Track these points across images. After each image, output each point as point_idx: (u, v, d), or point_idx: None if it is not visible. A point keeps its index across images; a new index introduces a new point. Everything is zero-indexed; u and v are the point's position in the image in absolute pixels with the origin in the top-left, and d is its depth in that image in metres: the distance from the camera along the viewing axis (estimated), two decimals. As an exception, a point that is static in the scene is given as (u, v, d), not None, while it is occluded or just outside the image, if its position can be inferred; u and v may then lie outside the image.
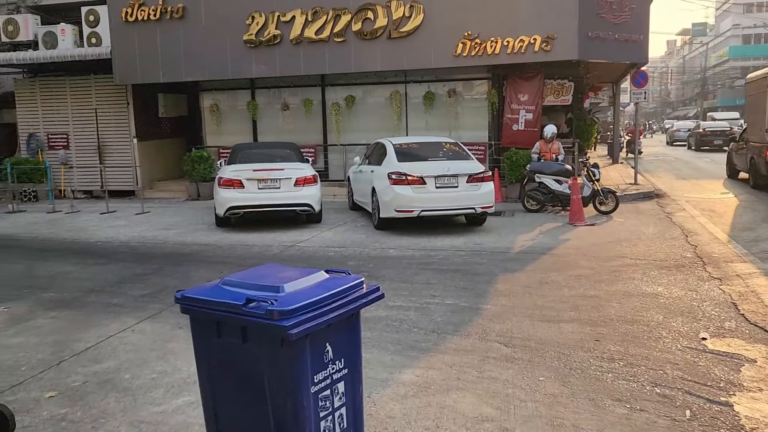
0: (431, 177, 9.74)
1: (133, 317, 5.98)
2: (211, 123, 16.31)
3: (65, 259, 8.71)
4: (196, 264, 8.26)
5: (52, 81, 16.49)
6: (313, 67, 14.14)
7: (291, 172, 10.61)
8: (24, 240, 10.35)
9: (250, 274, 2.87)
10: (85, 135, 16.34)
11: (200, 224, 11.53)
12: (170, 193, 16.13)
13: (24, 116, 16.70)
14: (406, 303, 6.21)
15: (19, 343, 5.33)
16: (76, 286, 7.23)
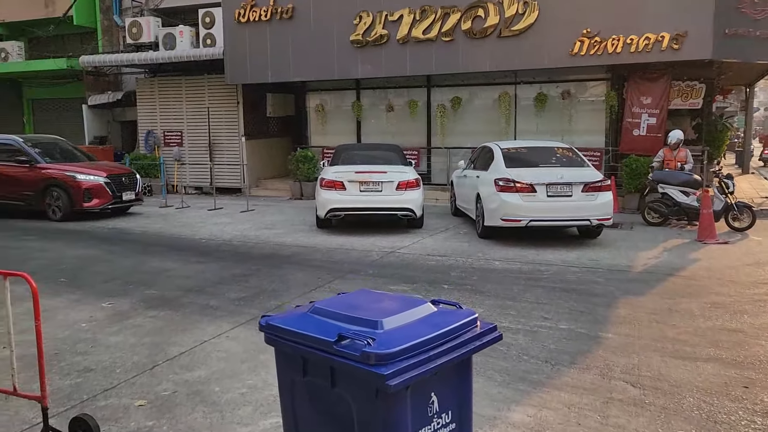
0: (542, 184, 9.06)
1: (228, 322, 5.82)
2: (317, 123, 16.35)
3: (169, 256, 8.84)
4: (294, 267, 8.09)
5: (169, 80, 17.19)
6: (420, 68, 13.76)
7: (393, 175, 10.27)
8: (136, 234, 10.68)
9: (343, 301, 2.47)
10: (198, 133, 16.90)
11: (301, 225, 11.46)
12: (275, 191, 16.33)
13: (143, 114, 17.53)
14: (514, 325, 5.64)
15: (118, 343, 5.29)
16: (177, 284, 7.24)
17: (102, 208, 12.10)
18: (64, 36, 20.72)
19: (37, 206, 12.16)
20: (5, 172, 12.35)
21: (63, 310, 6.27)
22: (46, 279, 7.54)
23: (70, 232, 10.86)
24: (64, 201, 11.89)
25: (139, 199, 13.04)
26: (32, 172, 12.14)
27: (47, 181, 12.02)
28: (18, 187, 12.24)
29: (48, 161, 12.41)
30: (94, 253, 9.03)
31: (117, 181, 12.37)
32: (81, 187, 11.86)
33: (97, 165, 12.96)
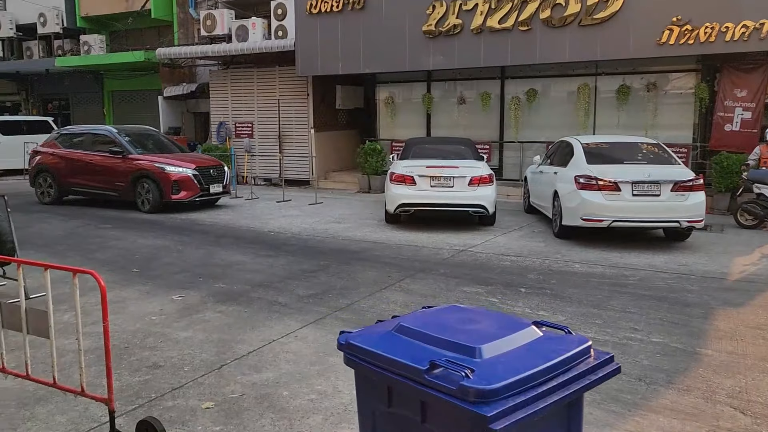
0: (627, 183, 8.47)
1: (296, 320, 5.65)
2: (386, 115, 16.11)
3: (239, 248, 8.79)
4: (363, 263, 7.87)
5: (241, 72, 17.34)
6: (494, 59, 13.26)
7: (466, 170, 9.89)
8: (206, 225, 10.74)
9: (432, 319, 2.17)
10: (268, 124, 16.98)
11: (369, 219, 11.25)
12: (342, 184, 16.22)
13: (216, 105, 17.77)
14: (601, 336, 5.20)
15: (186, 339, 5.20)
16: (245, 278, 7.15)
17: (190, 200, 11.96)
18: (142, 29, 21.30)
19: (129, 197, 12.19)
20: (100, 163, 12.44)
21: (134, 301, 6.27)
22: (121, 269, 7.62)
23: (145, 222, 11.04)
24: (153, 193, 11.82)
25: (227, 191, 12.83)
26: (124, 162, 12.14)
27: (138, 172, 11.98)
28: (111, 177, 12.28)
29: (140, 152, 12.34)
30: (166, 244, 9.11)
31: (205, 173, 12.20)
32: (170, 179, 11.77)
33: (186, 157, 12.83)
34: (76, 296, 3.42)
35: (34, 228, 10.36)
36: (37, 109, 24.28)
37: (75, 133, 13.45)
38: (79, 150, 12.89)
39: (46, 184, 13.24)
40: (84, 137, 13.10)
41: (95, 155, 12.58)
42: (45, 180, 13.25)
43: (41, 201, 13.27)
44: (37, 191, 13.42)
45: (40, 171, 13.33)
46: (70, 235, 9.83)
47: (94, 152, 12.65)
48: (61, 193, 13.18)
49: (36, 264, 3.73)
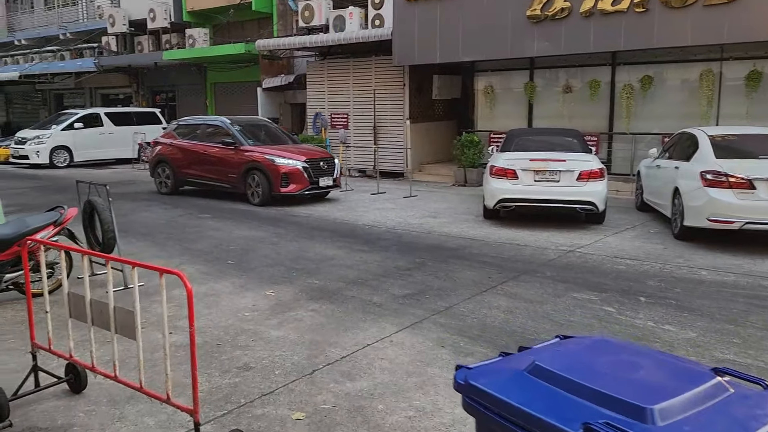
0: (763, 180, 7.49)
1: (392, 323, 5.29)
2: (484, 106, 15.47)
3: (333, 242, 8.57)
4: (461, 262, 7.40)
5: (338, 63, 17.24)
6: (605, 44, 12.32)
7: (574, 164, 9.18)
8: (301, 217, 10.64)
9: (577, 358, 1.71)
10: (363, 115, 16.79)
11: (466, 214, 10.75)
12: (437, 177, 15.78)
13: (312, 96, 17.80)
14: (742, 358, 4.49)
15: (279, 338, 4.97)
16: (339, 275, 6.88)
17: (299, 193, 11.60)
18: (243, 22, 21.73)
19: (240, 189, 11.99)
20: (213, 154, 12.35)
21: (228, 295, 6.15)
22: (216, 260, 7.58)
23: (242, 213, 11.10)
24: (263, 185, 11.55)
25: (337, 185, 12.37)
26: (236, 154, 11.94)
27: (249, 164, 11.74)
28: (224, 169, 12.13)
29: (252, 143, 12.11)
30: (261, 235, 9.04)
31: (315, 165, 11.76)
32: (279, 172, 11.42)
33: (297, 148, 12.40)
34: (163, 299, 3.20)
35: (138, 216, 10.65)
36: (146, 101, 25.45)
37: (191, 124, 13.44)
38: (194, 141, 12.89)
39: (164, 174, 13.35)
40: (199, 128, 13.08)
41: (209, 146, 12.51)
42: (163, 171, 13.36)
43: (159, 191, 13.43)
44: (155, 181, 13.61)
45: (159, 162, 13.46)
46: (170, 223, 10.01)
47: (207, 143, 12.59)
48: (178, 184, 13.25)
49: (124, 261, 3.56)
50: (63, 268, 3.78)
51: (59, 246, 3.84)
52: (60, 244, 4.06)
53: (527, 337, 4.97)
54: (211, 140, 12.60)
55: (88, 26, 25.79)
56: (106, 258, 3.55)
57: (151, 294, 6.17)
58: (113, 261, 3.62)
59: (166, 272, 3.10)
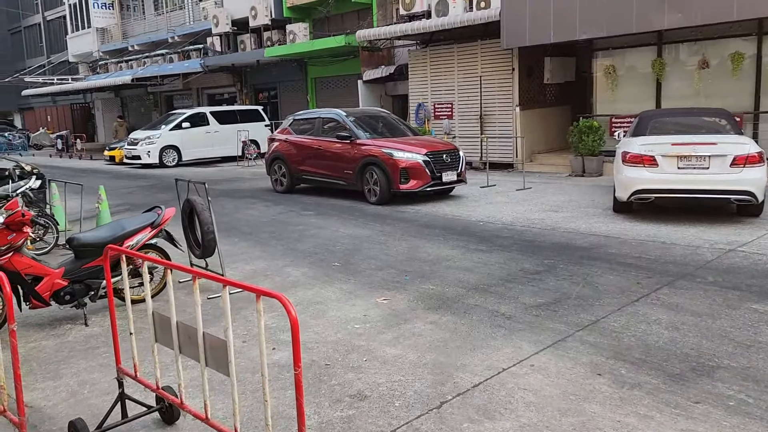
0: None
1: (528, 341, 4.42)
2: (604, 88, 14.06)
3: (446, 241, 7.77)
4: (598, 263, 6.38)
5: (440, 50, 16.39)
6: (752, 9, 10.66)
7: (727, 147, 7.84)
8: (408, 214, 9.93)
9: None
10: (468, 104, 15.85)
11: (591, 207, 9.61)
12: (550, 167, 14.57)
13: (414, 86, 17.07)
14: None
15: (395, 358, 4.24)
16: (457, 278, 6.08)
17: (420, 189, 10.43)
18: (342, 14, 21.36)
19: (356, 186, 11.07)
20: (328, 149, 11.55)
21: (335, 303, 5.51)
22: (321, 262, 6.99)
23: (345, 209, 10.54)
24: (381, 181, 10.52)
25: (462, 179, 11.08)
26: (352, 148, 11.05)
27: (365, 158, 10.76)
28: (339, 164, 11.30)
29: (368, 137, 11.15)
30: (367, 234, 8.39)
31: (437, 159, 10.59)
32: (398, 166, 10.35)
33: (418, 141, 11.28)
34: (260, 326, 2.52)
35: (241, 214, 10.35)
36: (250, 99, 25.76)
37: (306, 118, 12.66)
38: (309, 136, 12.14)
39: (279, 172, 12.74)
40: (314, 122, 12.31)
41: (323, 141, 11.71)
42: (279, 168, 12.74)
43: (275, 189, 12.87)
44: (271, 179, 13.05)
45: (275, 159, 12.84)
46: (273, 221, 9.60)
47: (322, 138, 11.80)
48: (294, 182, 12.57)
49: (215, 279, 2.92)
50: (146, 282, 3.21)
51: (140, 256, 3.28)
52: (139, 254, 3.51)
53: (705, 362, 3.94)
54: (326, 134, 11.81)
55: (194, 28, 26.47)
56: (193, 274, 2.92)
57: (254, 301, 5.64)
58: (201, 277, 2.98)
59: (264, 294, 2.41)
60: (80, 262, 5.18)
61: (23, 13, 43.82)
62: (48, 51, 40.79)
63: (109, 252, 3.46)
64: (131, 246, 5.36)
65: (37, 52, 42.73)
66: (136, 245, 5.39)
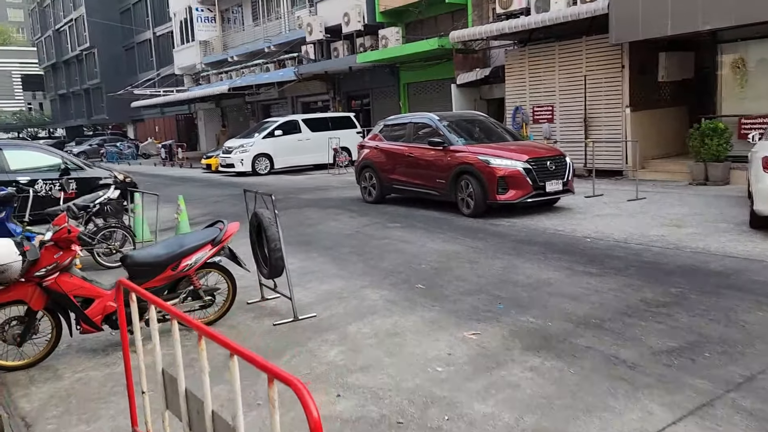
0: None
1: (661, 403, 3.41)
2: (732, 85, 12.41)
3: (547, 260, 6.76)
4: (741, 295, 5.18)
5: (540, 49, 15.23)
6: None
7: None
8: (503, 227, 8.96)
9: None
10: (571, 106, 14.59)
11: (721, 221, 8.24)
12: (666, 174, 13.04)
13: (511, 89, 16.00)
14: None
15: (486, 418, 3.37)
16: (561, 309, 5.10)
17: (520, 201, 9.42)
18: (436, 17, 20.62)
19: (450, 197, 10.16)
20: (419, 156, 10.73)
21: (415, 336, 4.69)
22: (404, 283, 6.21)
23: (432, 219, 9.73)
24: (475, 191, 9.56)
25: (569, 189, 9.98)
26: (445, 155, 10.16)
27: (459, 166, 9.84)
28: (432, 172, 10.43)
29: (463, 142, 10.23)
30: (456, 249, 7.52)
31: (540, 166, 9.54)
32: (495, 175, 9.35)
33: (518, 146, 10.21)
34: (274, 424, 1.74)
35: (324, 226, 9.77)
36: (343, 106, 25.54)
37: (397, 124, 11.89)
38: (400, 142, 11.37)
39: (369, 181, 12.02)
40: (405, 127, 11.50)
41: (414, 147, 10.89)
42: (369, 177, 12.02)
43: (364, 199, 12.18)
44: (360, 188, 12.39)
45: (364, 167, 12.15)
46: (356, 234, 8.93)
47: (413, 144, 10.98)
48: (384, 192, 11.79)
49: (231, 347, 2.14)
50: (155, 335, 2.55)
51: (149, 298, 2.62)
52: (145, 296, 2.83)
53: None
54: (417, 141, 10.96)
55: (289, 37, 26.66)
56: (204, 333, 2.21)
57: (324, 329, 4.95)
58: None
59: (278, 378, 1.63)
60: (135, 282, 4.68)
61: (136, 29, 46.43)
62: (157, 65, 42.90)
63: (120, 285, 2.84)
64: (189, 265, 4.81)
65: (147, 66, 45.08)
66: (194, 264, 4.84)
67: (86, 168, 11.69)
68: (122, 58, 49.61)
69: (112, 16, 48.44)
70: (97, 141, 42.36)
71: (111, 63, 49.48)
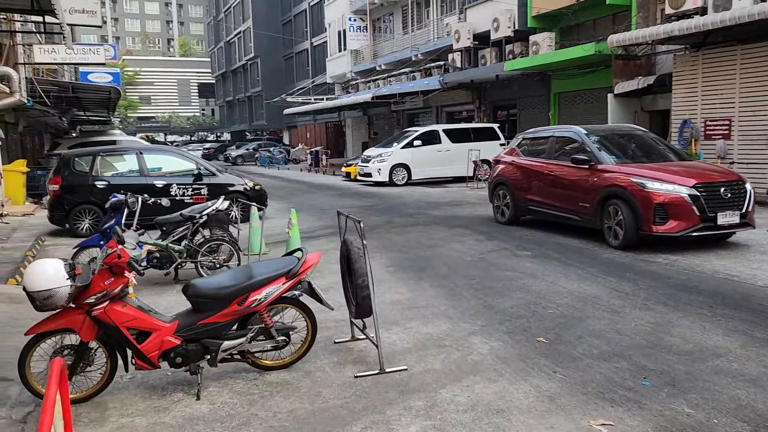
0: None
1: None
2: None
3: (715, 318, 5.28)
4: None
5: (717, 54, 13.09)
6: None
7: None
8: (658, 265, 7.43)
9: None
10: (754, 121, 12.33)
11: None
12: None
13: (680, 99, 13.96)
14: None
15: None
16: (733, 397, 3.74)
17: (682, 234, 7.81)
18: (594, 20, 18.86)
19: (594, 224, 8.75)
20: (560, 175, 9.44)
21: (524, 417, 3.61)
22: (522, 332, 5.11)
23: (573, 250, 8.40)
24: (626, 219, 8.09)
25: (747, 223, 8.13)
26: (591, 175, 8.78)
27: (607, 189, 8.42)
28: (573, 194, 9.11)
29: (614, 161, 8.79)
30: (596, 292, 6.22)
31: (711, 193, 7.89)
32: (651, 201, 7.86)
33: (683, 167, 8.54)
34: None
35: (445, 249, 8.81)
36: (488, 117, 24.40)
37: (537, 137, 10.64)
38: (539, 158, 10.13)
39: (502, 200, 10.91)
40: (546, 141, 10.18)
41: (555, 165, 9.64)
42: (502, 195, 10.90)
43: (496, 219, 11.05)
44: (493, 207, 11.26)
45: (498, 184, 11.06)
46: (478, 262, 7.87)
47: (554, 161, 9.73)
48: (518, 213, 10.60)
49: None
50: None
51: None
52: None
53: None
54: (559, 157, 9.69)
55: (436, 45, 26.05)
56: None
57: (412, 390, 4.03)
58: None
59: None
60: (197, 316, 4.09)
61: (296, 40, 48.63)
62: (312, 74, 44.50)
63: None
64: (258, 300, 4.13)
65: (303, 75, 46.99)
66: (264, 300, 4.15)
67: (218, 174, 11.78)
68: (282, 67, 52.23)
69: (275, 28, 51.25)
70: (253, 146, 44.81)
71: (272, 72, 52.32)
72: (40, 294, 3.60)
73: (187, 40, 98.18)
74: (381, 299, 6.23)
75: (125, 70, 69.35)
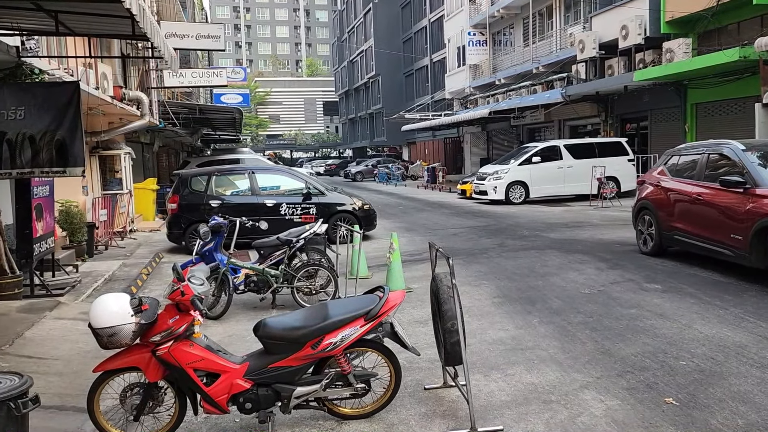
0: None
1: None
2: None
3: None
4: None
5: None
6: None
7: None
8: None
9: None
10: None
11: None
12: None
13: None
14: None
15: None
16: None
17: None
18: (739, 23, 16.97)
19: (749, 259, 7.10)
20: (708, 199, 7.90)
21: None
22: (646, 389, 4.32)
23: (713, 285, 7.29)
24: None
25: None
26: (745, 200, 7.20)
27: (765, 218, 6.84)
28: (723, 223, 7.58)
29: None
30: (742, 341, 5.22)
31: None
32: None
33: None
34: None
35: (560, 278, 7.98)
36: (615, 131, 22.80)
37: (687, 155, 9.04)
38: (687, 179, 8.59)
39: (646, 227, 9.42)
40: (697, 160, 8.59)
41: (703, 187, 8.09)
42: (647, 221, 9.38)
43: (640, 249, 9.54)
44: (636, 232, 9.85)
45: (642, 209, 9.57)
46: (597, 295, 7.01)
47: (703, 182, 8.17)
48: (663, 242, 9.01)
49: None
50: None
51: None
52: None
53: None
54: (709, 178, 8.12)
55: (558, 56, 24.83)
56: None
57: None
58: None
59: None
60: (268, 359, 3.76)
61: (415, 57, 48.86)
62: (431, 90, 44.39)
63: None
64: (334, 344, 3.73)
65: (423, 91, 47.02)
66: (340, 344, 3.73)
67: (327, 193, 11.70)
68: (402, 84, 52.67)
69: (395, 46, 51.87)
70: (372, 162, 45.36)
71: (392, 89, 52.92)
72: (105, 331, 3.43)
73: (314, 60, 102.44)
74: (482, 337, 5.65)
75: (257, 91, 73.28)
